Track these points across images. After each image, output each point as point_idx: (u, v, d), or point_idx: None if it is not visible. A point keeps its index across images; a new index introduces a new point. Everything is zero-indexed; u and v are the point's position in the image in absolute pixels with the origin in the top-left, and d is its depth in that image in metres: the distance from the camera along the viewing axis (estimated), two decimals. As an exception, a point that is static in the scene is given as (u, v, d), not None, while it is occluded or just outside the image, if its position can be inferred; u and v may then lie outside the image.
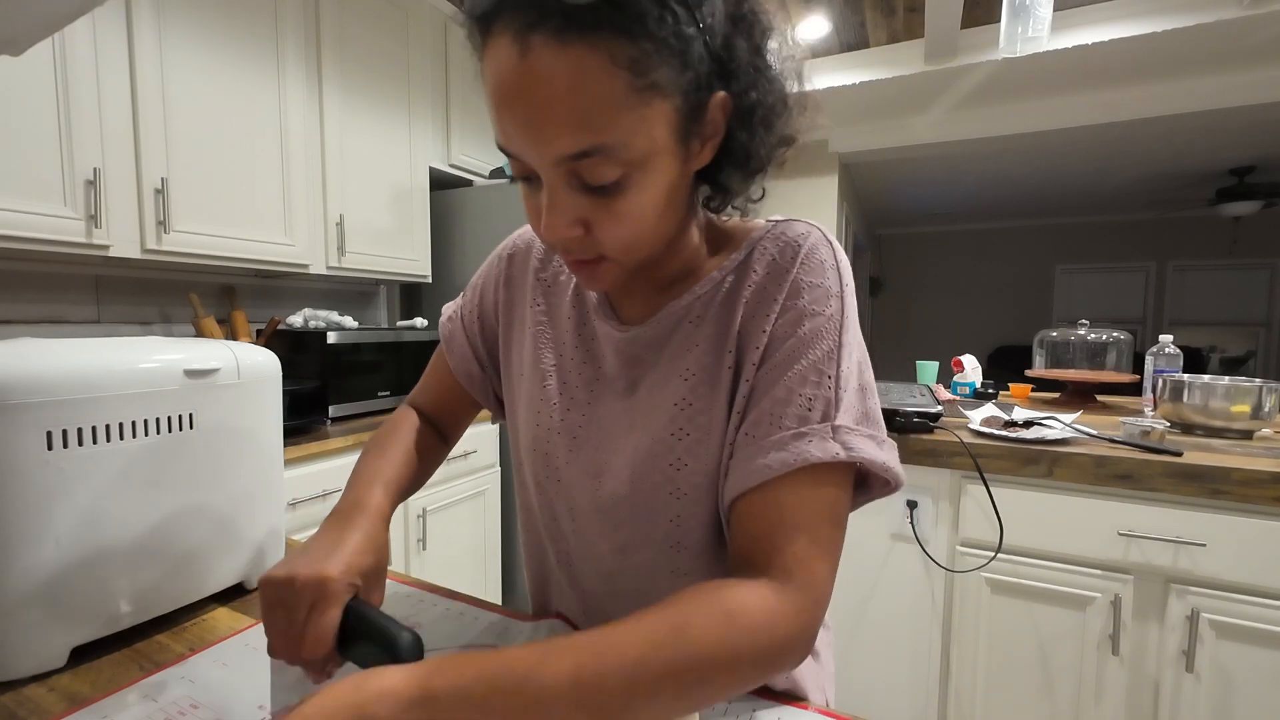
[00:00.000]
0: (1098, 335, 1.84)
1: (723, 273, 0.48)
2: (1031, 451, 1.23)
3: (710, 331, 0.47)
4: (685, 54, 0.36)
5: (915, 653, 1.38)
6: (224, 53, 1.47)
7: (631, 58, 0.34)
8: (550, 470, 0.54)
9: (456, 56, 2.19)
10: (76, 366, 0.51)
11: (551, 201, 0.39)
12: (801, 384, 0.42)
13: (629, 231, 0.40)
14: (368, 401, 1.80)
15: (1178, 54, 2.56)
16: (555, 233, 0.39)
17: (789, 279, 0.45)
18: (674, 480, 0.47)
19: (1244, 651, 1.10)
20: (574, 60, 0.33)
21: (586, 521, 0.53)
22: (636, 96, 0.35)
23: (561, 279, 0.57)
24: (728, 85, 0.40)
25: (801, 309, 0.44)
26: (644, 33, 0.33)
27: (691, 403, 0.46)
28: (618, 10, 0.33)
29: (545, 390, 0.54)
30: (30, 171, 1.16)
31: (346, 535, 0.43)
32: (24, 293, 1.41)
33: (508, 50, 0.34)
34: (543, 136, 0.36)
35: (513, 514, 2.13)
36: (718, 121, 0.41)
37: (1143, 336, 6.12)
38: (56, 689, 0.49)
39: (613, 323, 0.51)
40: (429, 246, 2.14)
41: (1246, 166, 4.50)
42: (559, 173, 0.37)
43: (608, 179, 0.37)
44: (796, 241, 0.46)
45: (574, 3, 0.32)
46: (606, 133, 0.35)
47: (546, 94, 0.34)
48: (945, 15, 2.36)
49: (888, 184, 5.05)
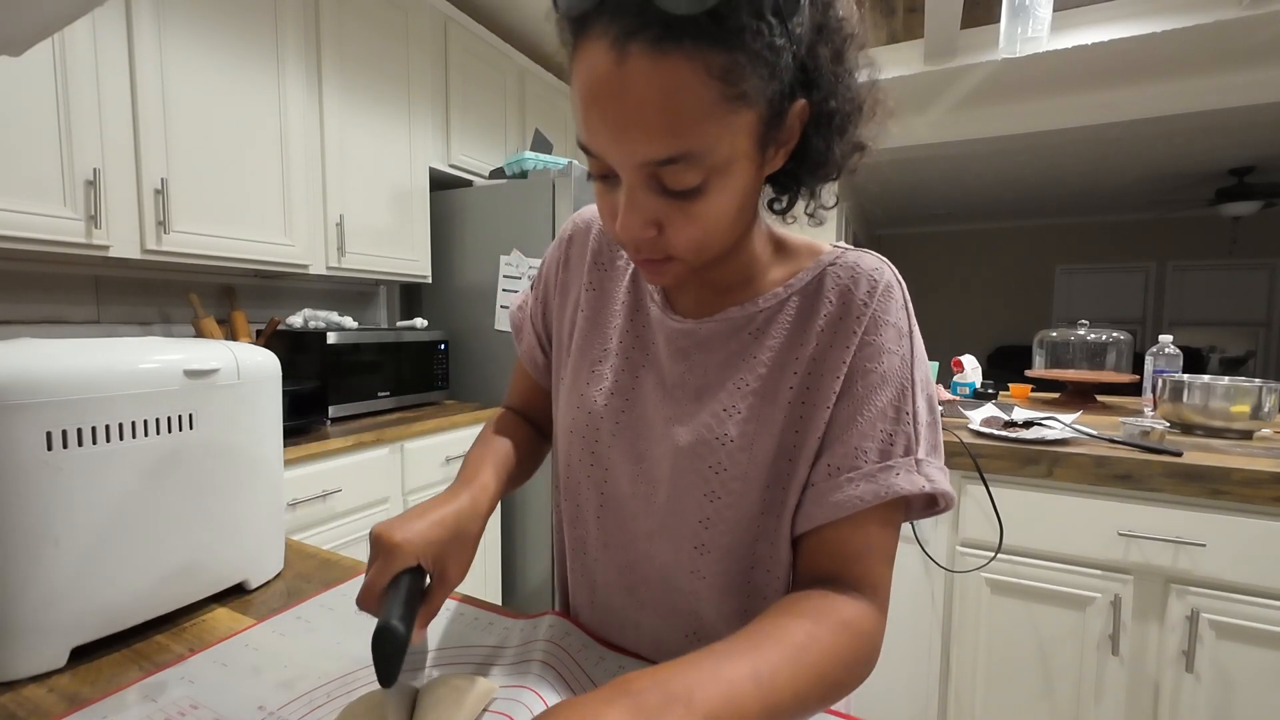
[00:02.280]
0: (1097, 335, 1.84)
1: (788, 290, 0.48)
2: (1031, 452, 1.23)
3: (774, 346, 0.48)
4: (775, 65, 0.36)
5: (915, 653, 1.38)
6: (224, 53, 1.47)
7: (725, 69, 0.34)
8: (587, 454, 0.54)
9: (456, 56, 2.19)
10: (76, 367, 0.51)
11: (630, 201, 0.39)
12: (882, 420, 0.44)
13: (701, 234, 0.41)
14: (368, 402, 1.79)
15: (1177, 54, 2.57)
16: (630, 232, 0.40)
17: (867, 314, 0.46)
18: (710, 482, 0.47)
19: (1244, 651, 1.10)
20: (670, 70, 0.33)
21: (616, 507, 0.53)
22: (726, 106, 0.35)
23: (619, 263, 0.57)
24: (808, 93, 0.40)
25: (879, 346, 0.45)
26: (740, 45, 0.33)
27: (741, 411, 0.47)
28: (717, 22, 0.32)
29: (593, 374, 0.54)
30: (30, 172, 1.16)
31: (435, 508, 0.46)
32: (24, 293, 1.41)
33: (604, 54, 0.34)
34: (631, 140, 0.36)
35: (513, 514, 2.13)
36: (794, 129, 0.41)
37: (1142, 337, 6.12)
38: (56, 689, 0.49)
39: (668, 312, 0.52)
40: (429, 247, 2.14)
41: (1246, 166, 4.50)
42: (641, 175, 0.38)
43: (689, 184, 0.37)
44: (872, 277, 0.47)
45: (675, 13, 0.32)
46: (694, 141, 0.35)
47: (639, 100, 0.34)
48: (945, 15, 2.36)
49: (888, 184, 5.05)
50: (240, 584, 0.66)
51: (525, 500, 2.10)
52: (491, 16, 2.50)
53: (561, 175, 1.95)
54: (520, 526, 2.12)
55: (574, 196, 1.94)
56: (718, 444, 0.47)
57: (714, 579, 0.49)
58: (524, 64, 2.56)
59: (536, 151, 2.13)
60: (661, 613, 0.52)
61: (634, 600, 0.53)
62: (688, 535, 0.49)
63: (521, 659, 0.51)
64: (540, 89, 2.69)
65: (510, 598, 2.16)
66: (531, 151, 2.10)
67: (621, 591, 0.54)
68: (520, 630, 0.56)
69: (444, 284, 2.23)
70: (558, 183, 1.95)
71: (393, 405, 1.89)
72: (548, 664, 0.50)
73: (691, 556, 0.49)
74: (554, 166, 2.00)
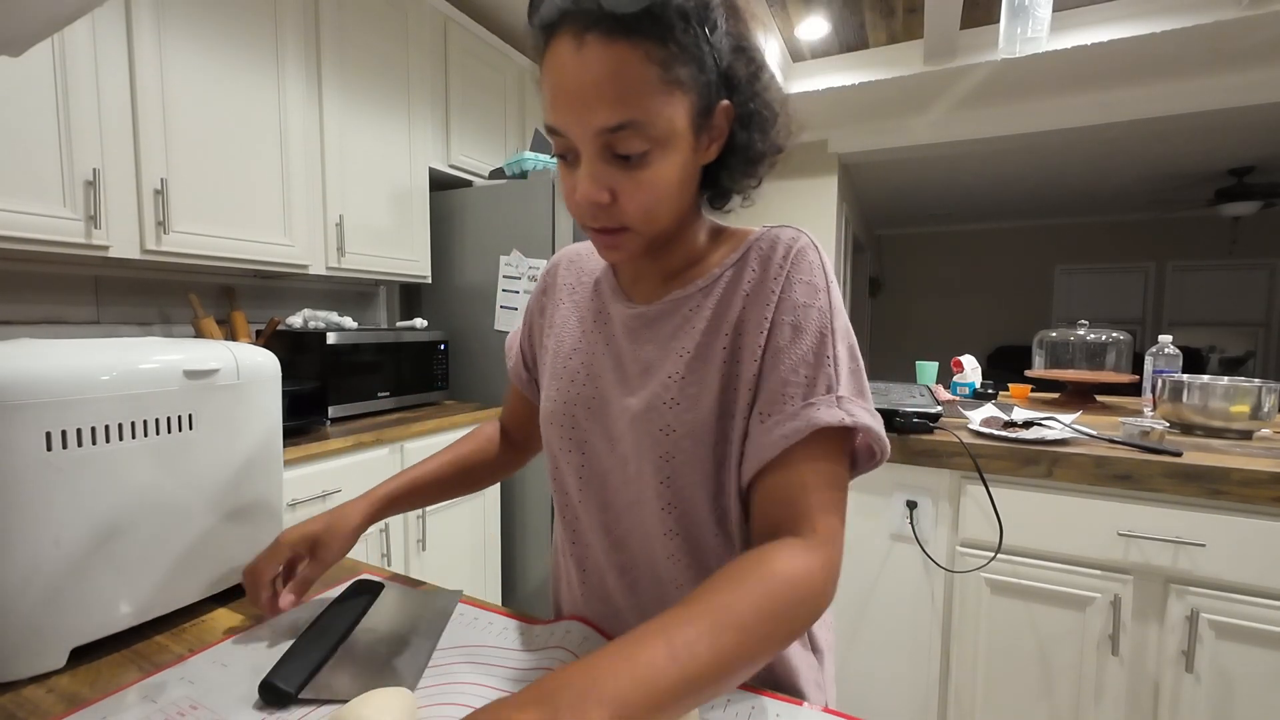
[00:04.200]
0: (1097, 335, 1.84)
1: (722, 269, 0.55)
2: (1031, 452, 1.23)
3: (708, 315, 0.53)
4: (700, 62, 0.46)
5: (915, 653, 1.38)
6: (223, 53, 1.47)
7: (661, 57, 0.43)
8: (566, 440, 0.59)
9: (456, 57, 2.19)
10: (76, 367, 0.51)
11: (588, 169, 0.46)
12: (804, 365, 0.49)
13: (649, 198, 0.47)
14: (367, 402, 1.80)
15: (1177, 54, 2.57)
16: (588, 196, 0.47)
17: (783, 275, 0.51)
18: (662, 444, 0.52)
19: (1244, 652, 1.10)
20: (618, 53, 0.43)
21: (598, 485, 0.58)
22: (663, 87, 0.44)
23: (585, 279, 0.65)
24: (731, 96, 0.49)
25: (795, 301, 0.50)
26: (672, 39, 0.43)
27: (684, 375, 0.52)
28: (654, 21, 0.43)
29: (567, 368, 0.61)
30: (30, 172, 1.16)
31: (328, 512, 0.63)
32: (24, 293, 1.41)
33: (568, 46, 0.43)
34: (589, 110, 0.44)
35: (513, 514, 2.13)
36: (722, 126, 0.50)
37: (1142, 337, 6.12)
38: (55, 690, 0.49)
39: (624, 303, 0.59)
40: (429, 247, 2.14)
41: (1245, 167, 4.50)
42: (597, 144, 0.45)
43: (635, 150, 0.45)
44: (788, 244, 0.53)
45: (620, 13, 0.42)
46: (639, 110, 0.44)
47: (595, 77, 0.43)
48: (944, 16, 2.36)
49: (887, 184, 5.05)
50: (240, 584, 0.66)
51: (525, 501, 2.10)
52: (491, 17, 2.51)
53: (561, 175, 1.95)
54: (520, 526, 2.12)
55: (574, 197, 1.94)
56: (665, 408, 0.52)
57: (686, 535, 0.53)
58: (524, 64, 2.56)
59: (536, 152, 2.13)
60: (649, 587, 0.56)
61: (625, 582, 0.57)
62: (654, 496, 0.53)
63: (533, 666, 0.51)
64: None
65: (510, 598, 2.16)
66: (531, 152, 2.10)
67: (614, 573, 0.57)
68: (540, 637, 0.56)
69: (444, 284, 2.23)
70: (558, 183, 1.95)
71: (392, 405, 1.89)
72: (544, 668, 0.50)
73: (663, 517, 0.53)
74: (554, 166, 2.00)
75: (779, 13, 2.53)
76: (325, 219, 1.76)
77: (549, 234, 1.97)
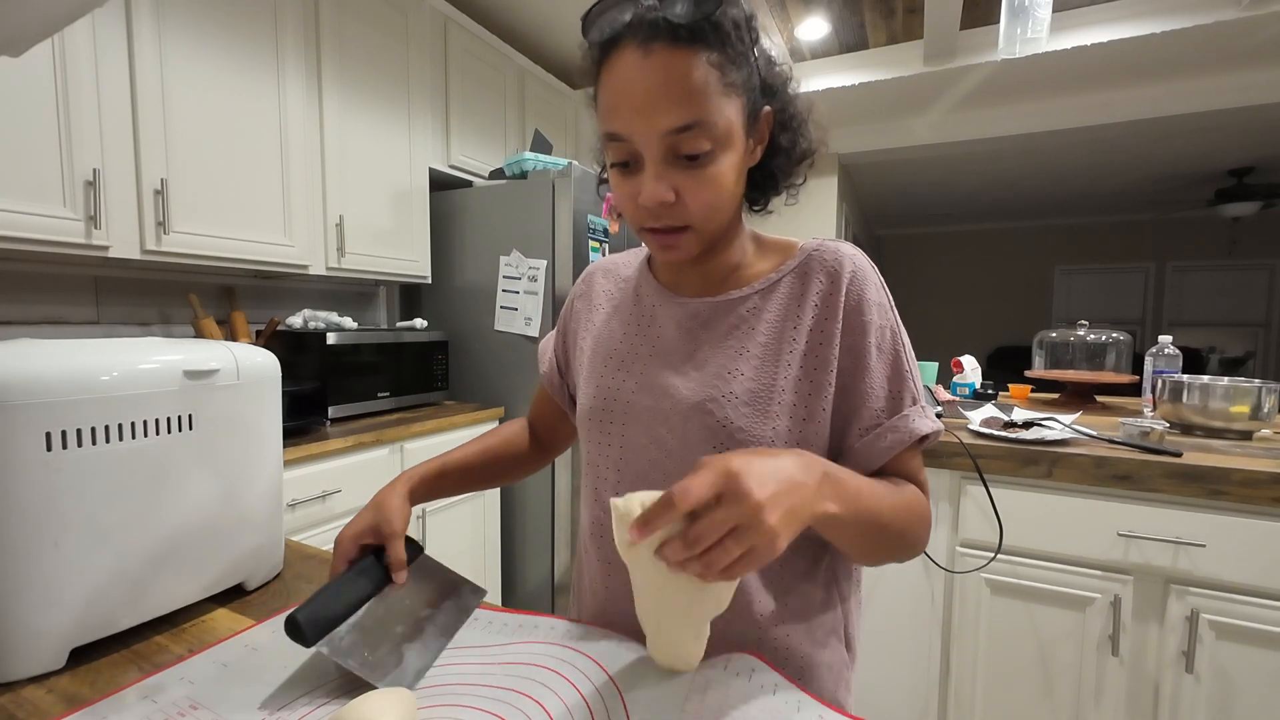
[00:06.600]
0: (1097, 336, 1.84)
1: (779, 273, 0.59)
2: (1031, 452, 1.23)
3: (771, 319, 0.57)
4: (750, 70, 0.51)
5: (915, 653, 1.38)
6: (223, 53, 1.47)
7: (719, 62, 0.48)
8: (605, 434, 0.61)
9: (456, 57, 2.19)
10: (76, 367, 0.51)
11: (653, 170, 0.50)
12: (890, 382, 0.56)
13: (712, 195, 0.51)
14: (367, 402, 1.79)
15: (1177, 55, 2.57)
16: (654, 196, 0.50)
17: (854, 293, 0.56)
18: (718, 435, 0.54)
19: (1244, 652, 1.10)
20: (683, 59, 0.47)
21: (635, 479, 0.59)
22: (722, 89, 0.48)
23: (624, 285, 0.68)
24: (771, 102, 0.55)
25: (873, 321, 0.55)
26: (729, 46, 0.48)
27: (745, 373, 0.55)
28: (715, 30, 0.47)
29: (608, 365, 0.63)
30: (30, 172, 1.16)
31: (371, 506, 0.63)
32: (24, 293, 1.41)
33: (633, 56, 0.48)
34: (656, 114, 0.47)
35: (513, 515, 2.13)
36: (764, 130, 0.55)
37: (1142, 337, 6.12)
38: (55, 690, 0.49)
39: (675, 301, 0.61)
40: (429, 247, 2.14)
41: (1245, 167, 4.50)
42: (662, 146, 0.49)
43: (700, 149, 0.49)
44: (854, 259, 0.57)
45: (683, 23, 0.46)
46: (703, 111, 0.48)
47: (662, 81, 0.47)
48: (944, 16, 2.36)
49: (887, 184, 5.05)
50: (240, 584, 0.66)
51: (525, 501, 2.10)
52: (491, 17, 2.51)
53: (561, 176, 1.95)
54: (520, 527, 2.12)
55: (573, 197, 1.94)
56: (724, 401, 0.55)
57: None
58: (524, 64, 2.56)
59: (536, 152, 2.13)
60: None
61: None
62: None
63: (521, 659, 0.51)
64: (540, 90, 2.69)
65: (510, 598, 2.16)
66: (531, 152, 2.09)
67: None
68: (538, 636, 0.56)
69: (444, 284, 2.23)
70: (557, 183, 1.95)
71: (392, 406, 1.89)
72: (537, 665, 0.50)
73: None
74: (554, 167, 2.00)
75: (779, 13, 2.53)
76: (325, 219, 1.76)
77: (549, 234, 1.97)
